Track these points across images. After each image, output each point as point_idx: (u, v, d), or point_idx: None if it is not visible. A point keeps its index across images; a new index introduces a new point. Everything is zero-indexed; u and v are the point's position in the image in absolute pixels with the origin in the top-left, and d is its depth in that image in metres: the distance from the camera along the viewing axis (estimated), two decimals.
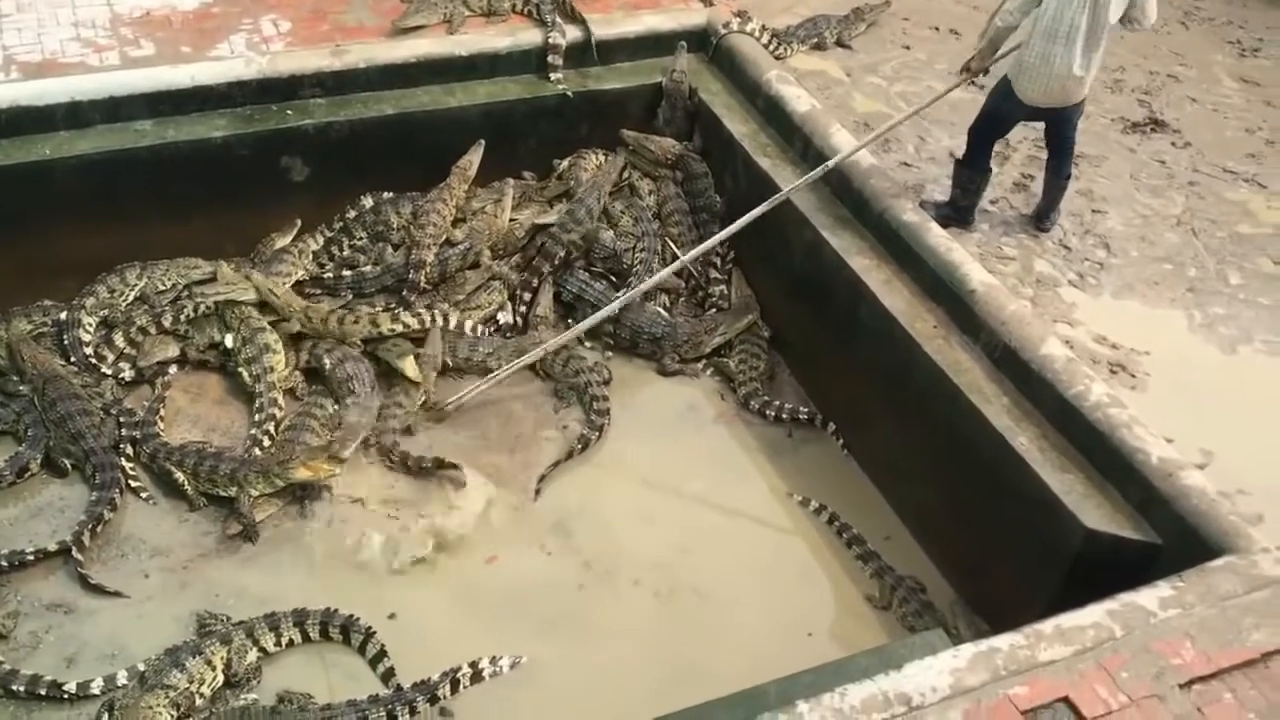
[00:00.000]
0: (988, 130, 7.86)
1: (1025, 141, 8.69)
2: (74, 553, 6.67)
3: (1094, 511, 5.97)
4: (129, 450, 7.38)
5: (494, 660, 6.19)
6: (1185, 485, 5.76)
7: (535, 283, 8.69)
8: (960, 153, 8.22)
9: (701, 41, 9.50)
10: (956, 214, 8.03)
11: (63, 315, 7.97)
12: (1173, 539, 5.74)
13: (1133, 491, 5.96)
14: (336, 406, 7.81)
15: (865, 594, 7.02)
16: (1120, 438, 6.04)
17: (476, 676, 6.16)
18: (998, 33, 7.55)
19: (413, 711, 6.02)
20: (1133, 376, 7.04)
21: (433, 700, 6.08)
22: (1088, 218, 8.32)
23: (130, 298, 8.23)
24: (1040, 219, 8.15)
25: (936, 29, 10.51)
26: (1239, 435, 6.61)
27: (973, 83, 8.43)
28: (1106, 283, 7.78)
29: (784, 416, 8.05)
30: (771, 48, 9.47)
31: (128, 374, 7.91)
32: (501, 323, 8.68)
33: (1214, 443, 6.51)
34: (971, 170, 7.96)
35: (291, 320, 8.06)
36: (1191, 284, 7.85)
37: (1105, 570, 5.72)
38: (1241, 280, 7.89)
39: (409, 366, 7.93)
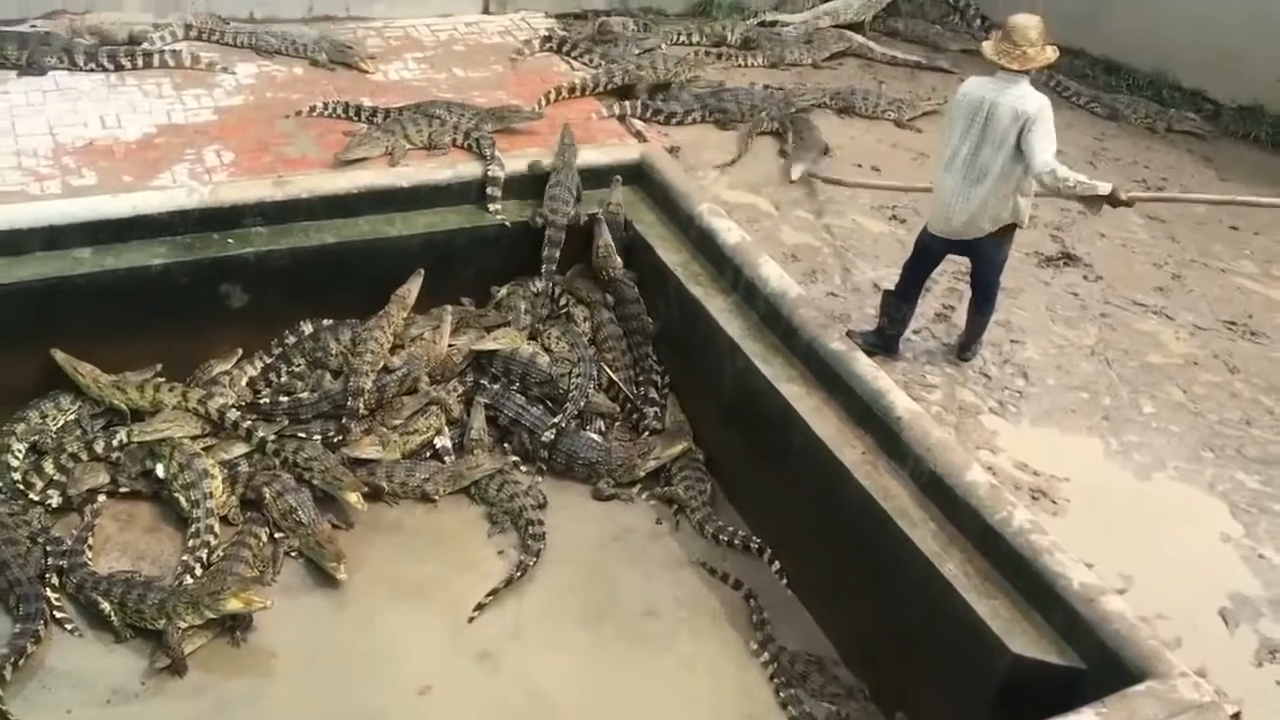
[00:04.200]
0: (915, 263, 8.20)
1: (945, 274, 9.03)
2: None
3: (1020, 637, 6.09)
4: (54, 580, 7.21)
5: None
6: (1107, 610, 5.90)
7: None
8: (884, 284, 8.55)
9: (636, 175, 9.83)
10: (883, 343, 8.30)
11: None
12: (1096, 664, 5.86)
13: (1057, 617, 6.10)
14: (274, 535, 7.76)
15: None
16: (1043, 564, 6.19)
17: None
18: None
19: None
20: (1053, 502, 7.24)
21: None
22: (1006, 347, 8.65)
23: (62, 423, 8.14)
24: (962, 350, 8.43)
25: (859, 165, 10.97)
26: (1155, 559, 6.81)
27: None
28: (1026, 411, 8.05)
29: (735, 543, 8.12)
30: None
31: (55, 501, 7.78)
32: (439, 447, 8.71)
33: (1132, 567, 6.69)
34: (899, 300, 8.26)
35: (110, 398, 8.10)
36: (1106, 412, 8.15)
37: (1032, 694, 5.83)
38: (1153, 409, 8.21)
39: (353, 498, 7.88)
